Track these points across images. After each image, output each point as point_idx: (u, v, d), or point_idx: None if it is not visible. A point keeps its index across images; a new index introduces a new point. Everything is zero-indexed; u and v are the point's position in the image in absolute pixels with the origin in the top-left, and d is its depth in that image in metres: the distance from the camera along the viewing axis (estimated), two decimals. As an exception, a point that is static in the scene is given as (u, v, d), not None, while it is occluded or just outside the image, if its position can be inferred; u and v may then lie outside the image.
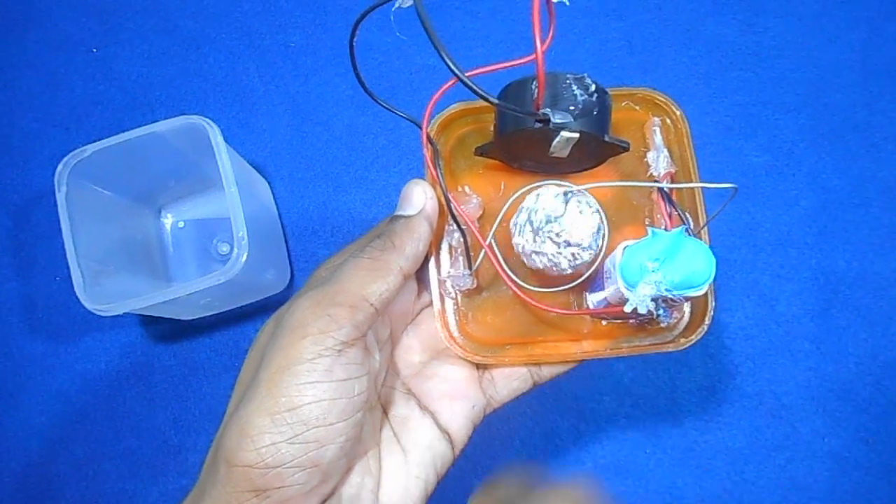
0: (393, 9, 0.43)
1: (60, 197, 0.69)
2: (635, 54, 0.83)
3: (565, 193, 0.51)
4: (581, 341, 0.57)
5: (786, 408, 0.76)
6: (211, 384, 0.80)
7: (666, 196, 0.55)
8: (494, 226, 0.56)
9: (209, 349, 0.81)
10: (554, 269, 0.52)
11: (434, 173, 0.53)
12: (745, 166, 0.80)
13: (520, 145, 0.52)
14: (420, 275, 0.56)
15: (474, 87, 0.41)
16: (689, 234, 0.48)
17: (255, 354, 0.50)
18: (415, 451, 0.53)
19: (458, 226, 0.54)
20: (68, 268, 0.68)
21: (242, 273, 0.66)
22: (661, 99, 0.57)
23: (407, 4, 0.42)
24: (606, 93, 0.50)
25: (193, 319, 0.80)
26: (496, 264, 0.55)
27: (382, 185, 0.83)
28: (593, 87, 0.48)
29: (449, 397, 0.56)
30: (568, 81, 0.48)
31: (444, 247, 0.57)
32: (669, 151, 0.56)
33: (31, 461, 0.80)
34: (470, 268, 0.55)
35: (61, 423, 0.80)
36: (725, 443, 0.76)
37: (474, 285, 0.56)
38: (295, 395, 0.44)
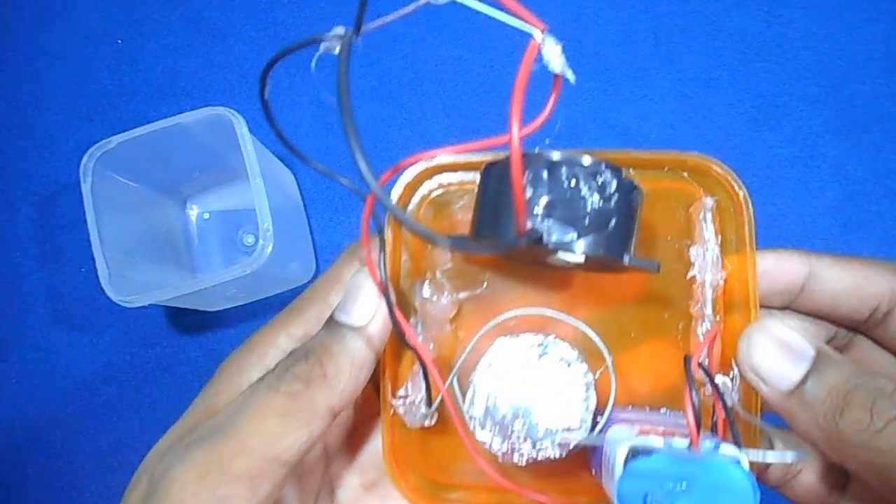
0: (317, 54, 0.32)
1: (86, 188, 0.67)
2: (660, 45, 0.79)
3: (529, 355, 0.38)
4: (575, 497, 0.42)
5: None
6: (236, 376, 0.76)
7: (700, 370, 0.38)
8: (461, 359, 0.40)
9: (234, 341, 0.77)
10: (544, 461, 0.39)
11: (378, 283, 0.37)
12: (770, 158, 0.76)
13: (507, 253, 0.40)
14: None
15: (403, 217, 0.29)
16: (723, 450, 0.33)
17: None
18: None
19: (415, 354, 0.39)
20: (93, 259, 0.65)
21: (268, 264, 0.64)
22: (720, 171, 0.41)
23: (335, 51, 0.31)
24: (635, 188, 0.35)
25: (218, 311, 0.78)
26: (459, 427, 0.39)
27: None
28: (613, 186, 0.33)
29: None
30: (574, 175, 0.33)
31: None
32: (722, 242, 0.41)
33: (56, 452, 0.77)
34: (429, 404, 0.40)
35: (86, 415, 0.77)
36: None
37: (433, 423, 0.41)
38: None
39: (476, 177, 0.38)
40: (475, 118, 0.78)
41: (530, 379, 0.38)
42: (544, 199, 0.33)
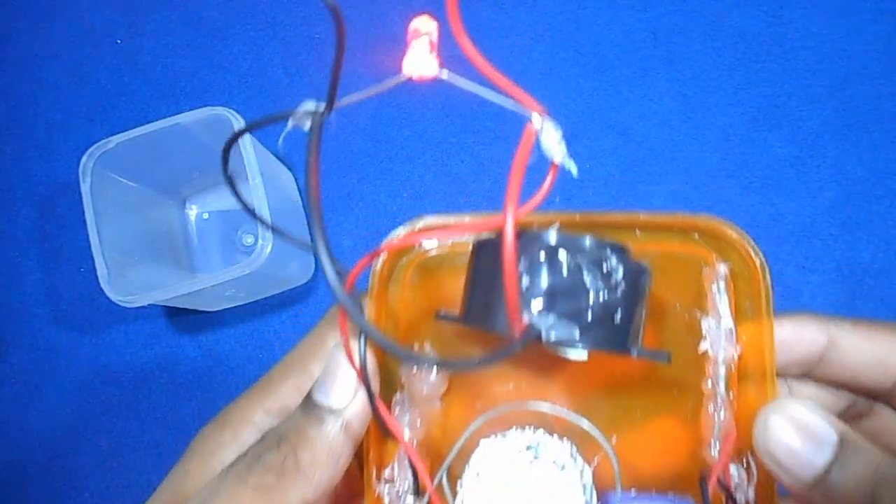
0: (284, 131, 0.28)
1: (85, 188, 0.67)
2: (660, 45, 0.79)
3: (519, 461, 0.35)
4: None
5: (812, 400, 0.72)
6: (235, 376, 0.76)
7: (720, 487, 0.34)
8: (448, 459, 0.36)
9: (233, 340, 0.77)
10: None
11: (357, 372, 0.33)
12: (770, 157, 0.76)
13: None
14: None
15: (382, 339, 0.25)
16: None
17: None
18: None
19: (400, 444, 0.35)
20: (93, 259, 0.65)
21: (266, 264, 0.64)
22: (734, 236, 0.37)
23: (306, 127, 0.28)
24: (643, 271, 0.31)
25: (217, 311, 0.77)
26: None
27: (407, 175, 0.78)
28: (620, 273, 0.30)
29: None
30: (577, 263, 0.29)
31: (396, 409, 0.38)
32: (736, 309, 0.37)
33: (56, 452, 0.77)
34: (416, 493, 0.36)
35: (85, 415, 0.77)
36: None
37: None
38: None
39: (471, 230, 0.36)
40: (474, 118, 0.78)
41: (523, 492, 0.35)
42: (543, 290, 0.29)
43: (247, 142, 0.65)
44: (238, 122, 0.66)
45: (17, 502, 0.76)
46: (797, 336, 0.37)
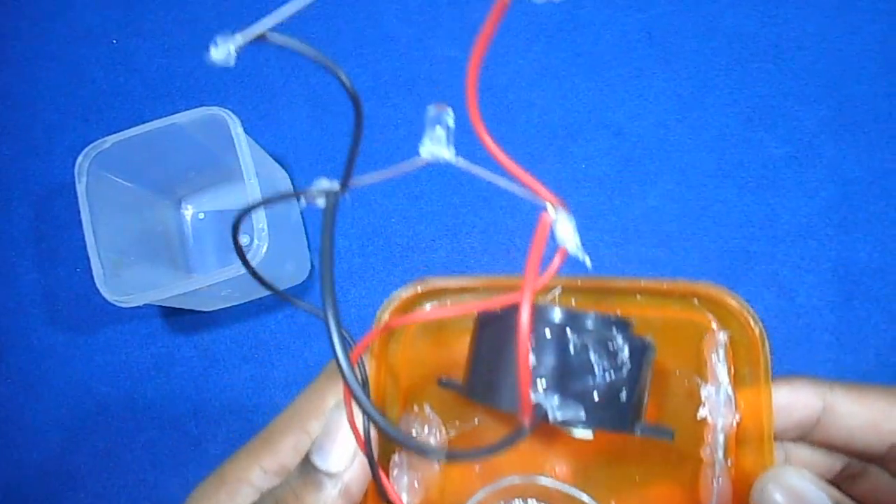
0: (301, 207, 0.28)
1: (81, 188, 0.67)
2: (655, 46, 0.79)
3: None
4: None
5: (807, 400, 0.72)
6: (231, 375, 0.76)
7: None
8: None
9: (229, 340, 0.77)
10: None
11: (360, 441, 0.31)
12: (766, 158, 0.76)
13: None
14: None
15: (389, 428, 0.24)
16: None
17: None
18: None
19: None
20: (88, 259, 0.65)
21: (262, 264, 0.64)
22: (734, 305, 0.37)
23: (319, 205, 0.28)
24: (648, 347, 0.32)
25: (213, 311, 0.77)
26: None
27: (405, 175, 0.78)
28: (625, 353, 0.30)
29: None
30: (583, 343, 0.29)
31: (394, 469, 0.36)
32: (735, 375, 0.37)
33: (52, 453, 0.77)
34: None
35: (81, 415, 0.77)
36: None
37: None
38: None
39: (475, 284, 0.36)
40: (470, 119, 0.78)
41: None
42: (549, 370, 0.29)
43: (242, 141, 0.65)
44: (234, 122, 0.66)
45: (13, 502, 0.76)
46: (793, 401, 0.37)
